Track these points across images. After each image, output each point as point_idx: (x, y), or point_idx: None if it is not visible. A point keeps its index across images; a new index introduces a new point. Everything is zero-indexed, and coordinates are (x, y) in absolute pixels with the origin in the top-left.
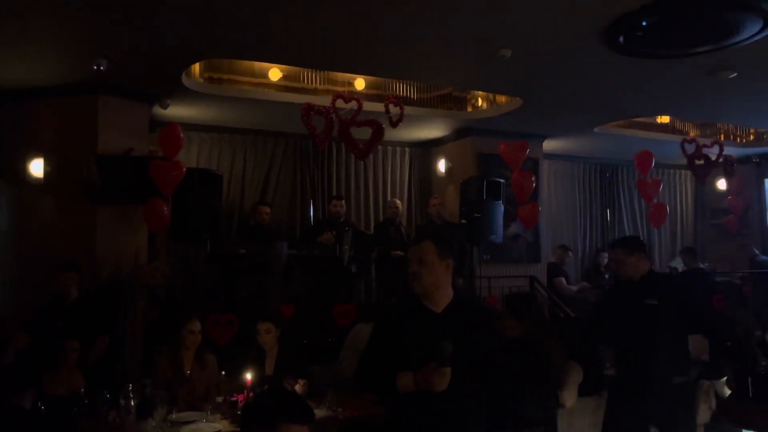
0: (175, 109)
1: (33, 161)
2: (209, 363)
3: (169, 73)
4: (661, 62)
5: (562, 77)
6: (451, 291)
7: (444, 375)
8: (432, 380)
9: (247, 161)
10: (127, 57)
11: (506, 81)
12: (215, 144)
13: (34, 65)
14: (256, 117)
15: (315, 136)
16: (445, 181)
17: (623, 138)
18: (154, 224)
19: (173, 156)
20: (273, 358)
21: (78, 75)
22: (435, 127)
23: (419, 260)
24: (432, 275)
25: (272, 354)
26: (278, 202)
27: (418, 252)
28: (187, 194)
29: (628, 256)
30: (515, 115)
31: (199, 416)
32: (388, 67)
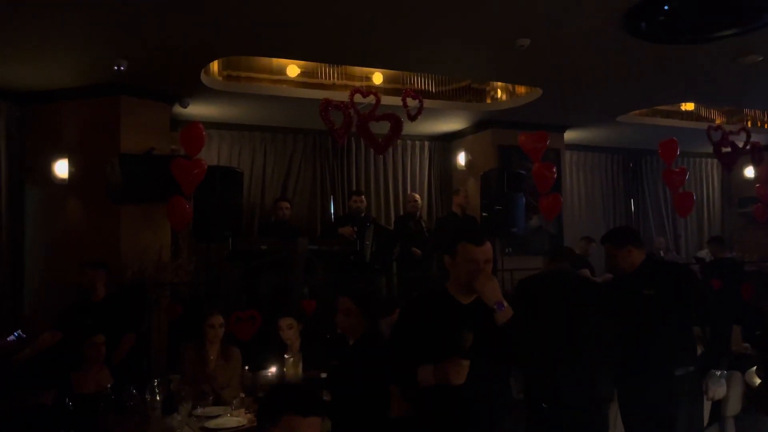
0: (195, 107)
1: (58, 162)
2: (234, 357)
3: (187, 72)
4: (685, 48)
5: (582, 66)
6: None
7: (461, 367)
8: (449, 373)
9: (267, 158)
10: (146, 57)
11: (525, 71)
12: (235, 142)
13: (57, 67)
14: (275, 114)
15: (333, 132)
16: (465, 174)
17: (646, 127)
18: (177, 223)
19: (195, 154)
20: (295, 352)
21: (100, 76)
22: (454, 120)
23: (488, 260)
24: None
25: (294, 349)
26: (298, 199)
27: (486, 253)
28: (208, 192)
29: (618, 250)
30: (535, 106)
31: (223, 410)
32: (405, 61)
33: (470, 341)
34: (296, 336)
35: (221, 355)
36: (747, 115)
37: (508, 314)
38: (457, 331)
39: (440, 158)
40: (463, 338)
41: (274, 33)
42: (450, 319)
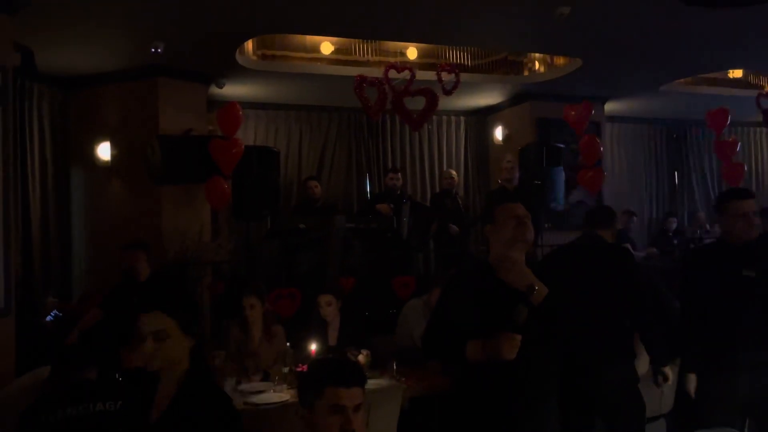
0: (230, 88)
1: (101, 145)
2: (277, 334)
3: (223, 52)
4: (732, 10)
5: (624, 33)
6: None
7: (514, 342)
8: (501, 347)
9: (302, 137)
10: (182, 38)
11: (565, 41)
12: (271, 121)
13: (98, 51)
14: (310, 92)
15: (368, 108)
16: (502, 149)
17: (692, 96)
18: (216, 202)
19: (232, 134)
20: (335, 329)
21: (138, 59)
22: (490, 94)
23: (525, 215)
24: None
25: (334, 325)
26: (334, 177)
27: (523, 210)
28: (246, 172)
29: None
30: (575, 77)
31: (266, 386)
32: (440, 33)
33: (525, 316)
34: (335, 313)
35: (265, 334)
36: None
37: (543, 293)
38: (511, 305)
39: (476, 133)
40: (518, 312)
41: (308, 10)
42: (496, 293)
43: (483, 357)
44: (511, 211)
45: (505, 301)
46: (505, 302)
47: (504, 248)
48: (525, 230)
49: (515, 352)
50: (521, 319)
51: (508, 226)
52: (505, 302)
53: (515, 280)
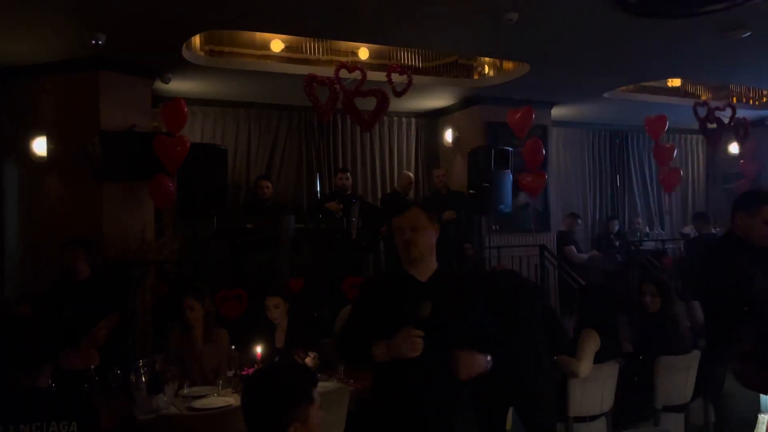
0: (176, 83)
1: (36, 140)
2: (220, 338)
3: (168, 46)
4: (674, 22)
5: (570, 41)
6: (435, 261)
7: (413, 338)
8: (402, 344)
9: (251, 135)
10: (125, 30)
11: (513, 46)
12: (219, 118)
13: (33, 42)
14: (260, 90)
15: (318, 108)
16: (452, 151)
17: (633, 103)
18: (161, 200)
19: (177, 131)
20: (283, 331)
21: (78, 51)
22: (441, 97)
23: (412, 227)
24: (426, 240)
25: (282, 328)
26: (284, 177)
27: (409, 220)
28: (192, 170)
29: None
30: (523, 82)
31: (210, 390)
32: (392, 35)
33: (428, 309)
34: (283, 315)
35: (207, 337)
36: (732, 90)
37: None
38: (414, 300)
39: (427, 135)
40: (421, 306)
41: (258, 5)
42: (407, 295)
43: (388, 357)
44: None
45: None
46: (412, 299)
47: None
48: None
49: (418, 348)
50: (424, 314)
51: (397, 240)
52: (412, 299)
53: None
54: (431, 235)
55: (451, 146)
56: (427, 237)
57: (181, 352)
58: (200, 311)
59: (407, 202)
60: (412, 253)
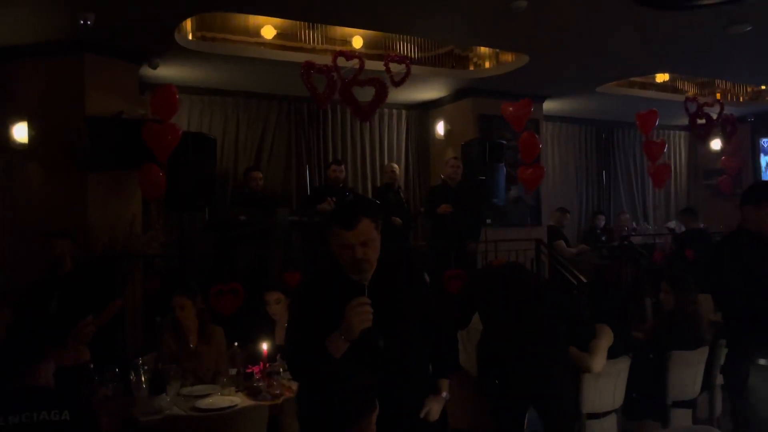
0: (164, 69)
1: (16, 126)
2: (215, 335)
3: (160, 29)
4: (678, 14)
5: (574, 31)
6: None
7: (360, 306)
8: (352, 318)
9: (240, 125)
10: (115, 10)
11: (516, 36)
12: (206, 107)
13: (14, 21)
14: (250, 78)
15: (316, 96)
16: (443, 144)
17: (621, 98)
18: (150, 191)
19: (167, 119)
20: (283, 327)
21: (62, 32)
22: (433, 88)
23: (363, 243)
24: (377, 251)
25: (282, 324)
26: (273, 168)
27: (360, 236)
28: (180, 160)
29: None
30: (520, 74)
31: (212, 389)
32: (390, 21)
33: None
34: (284, 311)
35: (201, 336)
36: (718, 87)
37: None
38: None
39: (417, 127)
40: (361, 279)
41: None
42: (349, 295)
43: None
44: (342, 239)
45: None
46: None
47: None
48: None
49: (369, 316)
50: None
51: (342, 254)
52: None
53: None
54: (379, 242)
55: (442, 139)
56: (377, 247)
57: (175, 351)
58: (191, 309)
59: (355, 212)
60: (363, 268)
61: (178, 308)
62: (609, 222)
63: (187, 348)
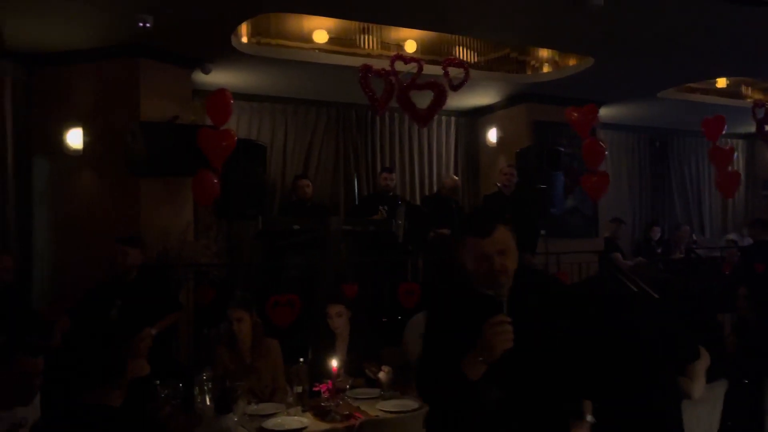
0: (214, 75)
1: (70, 131)
2: (272, 349)
3: (218, 32)
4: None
5: (648, 31)
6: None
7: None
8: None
9: (288, 132)
10: (175, 12)
11: (586, 37)
12: (255, 113)
13: (72, 25)
14: (301, 83)
15: (374, 101)
16: (494, 152)
17: (679, 104)
18: (204, 198)
19: (222, 124)
20: (344, 341)
21: (118, 36)
22: (486, 94)
23: (501, 252)
24: (515, 262)
25: (344, 337)
26: (321, 176)
27: (497, 244)
28: (231, 167)
29: None
30: (581, 78)
31: (276, 408)
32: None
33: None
34: (345, 324)
35: (257, 350)
36: None
37: None
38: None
39: (466, 135)
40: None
41: None
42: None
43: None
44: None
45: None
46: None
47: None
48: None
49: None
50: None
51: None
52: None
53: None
54: (516, 253)
55: (494, 146)
56: (515, 259)
57: (229, 367)
58: (248, 323)
59: (490, 219)
60: (501, 282)
61: (235, 321)
62: (664, 233)
63: (243, 363)
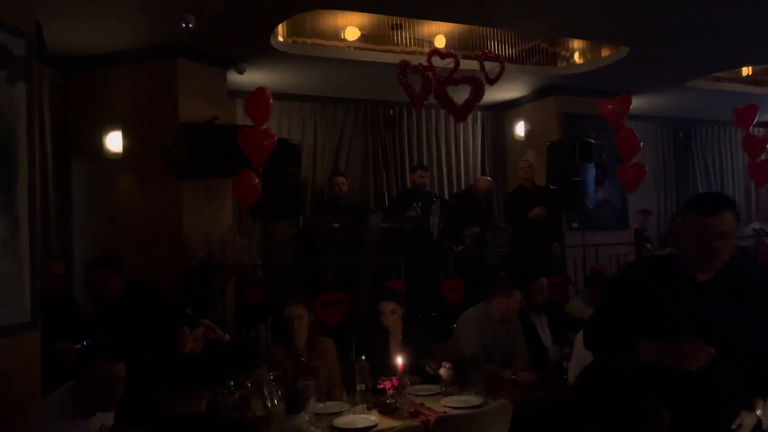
0: (248, 75)
1: (110, 135)
2: (326, 348)
3: (257, 32)
4: None
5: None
6: None
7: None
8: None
9: (317, 131)
10: (213, 13)
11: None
12: (284, 112)
13: (110, 27)
14: (334, 80)
15: (412, 97)
16: (521, 146)
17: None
18: (246, 198)
19: (262, 123)
20: (398, 339)
21: (156, 37)
22: (513, 87)
23: (722, 234)
24: (730, 250)
25: (397, 335)
26: (350, 174)
27: (721, 224)
28: (267, 167)
29: None
30: (614, 69)
31: (341, 406)
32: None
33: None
34: (399, 321)
35: (312, 349)
36: None
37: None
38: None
39: (493, 130)
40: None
41: None
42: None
43: (657, 359)
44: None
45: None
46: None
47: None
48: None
49: (700, 365)
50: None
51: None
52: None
53: None
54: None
55: (522, 140)
56: (731, 248)
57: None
58: (307, 320)
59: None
60: (713, 263)
61: (296, 318)
62: None
63: (299, 363)
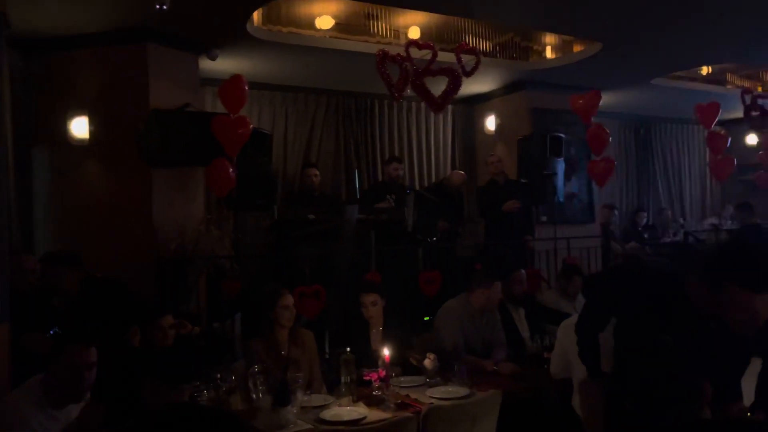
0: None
1: (75, 120)
2: (305, 341)
3: (233, 17)
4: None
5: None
6: None
7: None
8: None
9: (288, 121)
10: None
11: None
12: (255, 101)
13: (76, 8)
14: (307, 69)
15: (390, 87)
16: (492, 140)
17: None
18: (221, 188)
19: (236, 111)
20: (379, 330)
21: (125, 19)
22: (484, 81)
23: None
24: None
25: (378, 326)
26: (322, 165)
27: None
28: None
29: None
30: (585, 65)
31: (325, 399)
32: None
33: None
34: (380, 313)
35: (294, 341)
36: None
37: None
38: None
39: (462, 124)
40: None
41: None
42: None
43: None
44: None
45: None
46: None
47: None
48: None
49: None
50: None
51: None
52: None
53: None
54: None
55: (492, 134)
56: None
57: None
58: (293, 311)
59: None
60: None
61: (285, 309)
62: (649, 219)
63: (278, 356)
